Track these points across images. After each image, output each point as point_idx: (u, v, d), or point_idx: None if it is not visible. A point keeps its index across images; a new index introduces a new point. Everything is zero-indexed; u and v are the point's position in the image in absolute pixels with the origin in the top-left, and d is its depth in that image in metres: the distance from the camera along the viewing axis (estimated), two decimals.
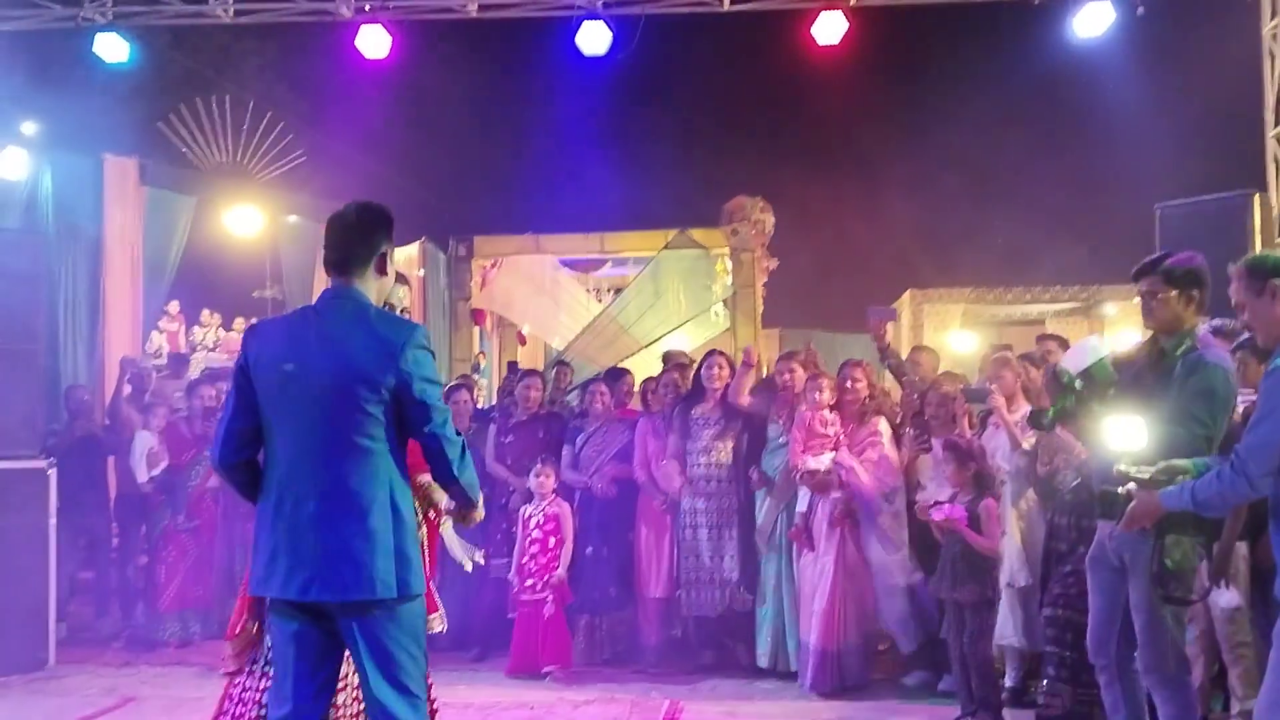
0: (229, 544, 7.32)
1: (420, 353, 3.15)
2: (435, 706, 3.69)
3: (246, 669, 3.68)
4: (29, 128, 11.34)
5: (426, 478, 3.49)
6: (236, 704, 3.67)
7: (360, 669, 3.12)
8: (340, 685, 3.51)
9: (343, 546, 3.06)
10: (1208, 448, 3.73)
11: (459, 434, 3.23)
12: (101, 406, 8.80)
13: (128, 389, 8.31)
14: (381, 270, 3.29)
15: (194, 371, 10.71)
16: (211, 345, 14.36)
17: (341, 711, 3.59)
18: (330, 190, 14.11)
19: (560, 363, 9.47)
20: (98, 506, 7.86)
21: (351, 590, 3.05)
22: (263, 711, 3.58)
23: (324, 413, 3.09)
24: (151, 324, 12.47)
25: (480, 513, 3.46)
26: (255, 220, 13.07)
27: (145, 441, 7.58)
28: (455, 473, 3.20)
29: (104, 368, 10.34)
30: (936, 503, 5.48)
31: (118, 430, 7.95)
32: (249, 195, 13.24)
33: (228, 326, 14.72)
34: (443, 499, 3.69)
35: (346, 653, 3.25)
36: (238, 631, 3.70)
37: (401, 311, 3.92)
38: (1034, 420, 5.13)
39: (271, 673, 3.26)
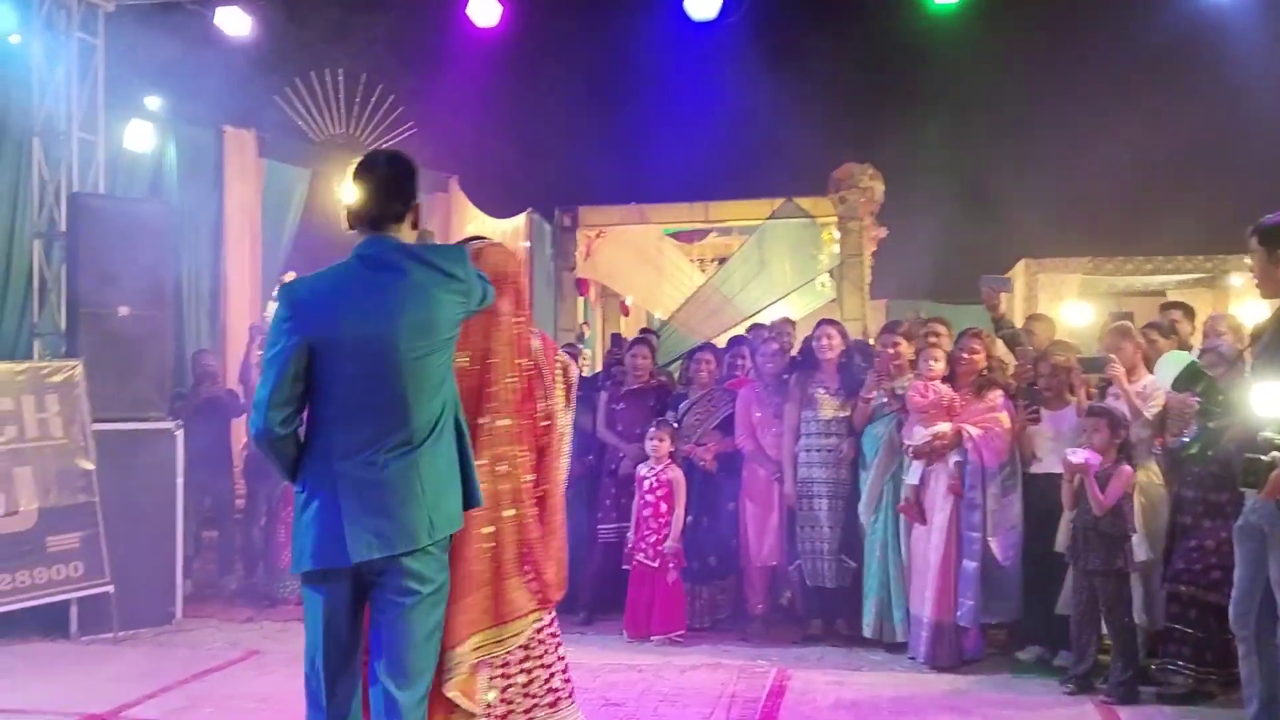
0: None
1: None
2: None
3: None
4: (153, 101, 11.65)
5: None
6: None
7: (393, 627, 3.06)
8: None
9: (427, 493, 3.07)
10: None
11: None
12: (224, 371, 9.10)
13: (257, 354, 8.58)
14: (415, 224, 3.20)
15: None
16: None
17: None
18: (439, 162, 14.25)
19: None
20: (221, 468, 8.14)
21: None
22: None
23: (403, 366, 3.05)
24: (269, 293, 12.79)
25: None
26: None
27: None
28: None
29: (225, 334, 10.68)
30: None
31: (249, 393, 8.23)
32: None
33: None
34: None
35: None
36: None
37: None
38: (1184, 456, 5.03)
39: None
